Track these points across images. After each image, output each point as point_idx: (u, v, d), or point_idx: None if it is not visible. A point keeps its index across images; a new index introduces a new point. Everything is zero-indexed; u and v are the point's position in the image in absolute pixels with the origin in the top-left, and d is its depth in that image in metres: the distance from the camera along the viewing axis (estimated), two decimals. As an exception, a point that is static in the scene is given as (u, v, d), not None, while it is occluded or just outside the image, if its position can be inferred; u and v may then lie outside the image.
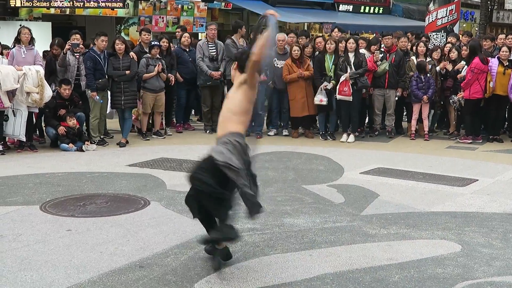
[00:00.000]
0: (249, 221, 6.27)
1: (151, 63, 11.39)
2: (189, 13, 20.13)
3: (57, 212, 6.59)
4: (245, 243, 5.62)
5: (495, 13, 32.08)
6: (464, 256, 5.37)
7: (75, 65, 10.83)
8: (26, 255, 5.23)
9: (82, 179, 8.21)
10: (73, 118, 10.49)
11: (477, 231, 6.13)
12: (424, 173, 8.88)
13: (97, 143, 10.82)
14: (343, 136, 11.83)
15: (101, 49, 10.87)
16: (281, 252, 5.44)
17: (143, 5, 19.10)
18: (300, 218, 6.52)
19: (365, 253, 5.42)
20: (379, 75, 11.93)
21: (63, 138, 10.39)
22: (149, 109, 11.59)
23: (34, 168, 8.95)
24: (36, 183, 7.94)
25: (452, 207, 7.09)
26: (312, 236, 5.90)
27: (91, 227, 6.07)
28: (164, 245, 5.56)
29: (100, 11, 18.61)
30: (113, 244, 5.57)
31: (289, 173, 8.81)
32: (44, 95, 10.07)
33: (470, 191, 7.85)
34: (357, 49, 11.64)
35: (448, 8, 19.25)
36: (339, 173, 8.87)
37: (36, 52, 10.60)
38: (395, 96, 12.10)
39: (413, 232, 6.09)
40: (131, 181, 8.11)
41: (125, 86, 10.97)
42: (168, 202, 7.03)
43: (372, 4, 25.73)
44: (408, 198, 7.49)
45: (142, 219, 6.36)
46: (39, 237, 5.75)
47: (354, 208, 6.95)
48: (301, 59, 11.77)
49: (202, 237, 5.11)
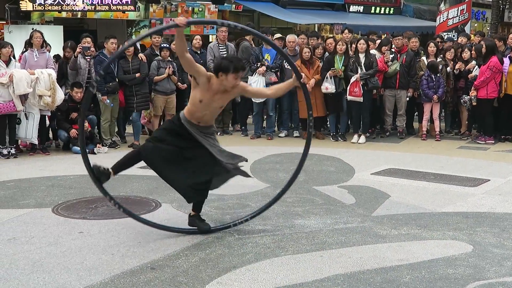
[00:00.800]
0: (260, 223, 6.31)
1: (162, 65, 11.44)
2: (199, 15, 20.19)
3: (69, 215, 6.64)
4: (256, 244, 5.64)
5: (506, 12, 31.90)
6: (475, 257, 5.36)
7: (86, 68, 10.89)
8: (39, 258, 5.27)
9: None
10: (85, 121, 10.54)
11: (488, 231, 6.12)
12: (436, 174, 8.86)
13: (108, 145, 10.87)
14: (354, 137, 11.82)
15: (111, 52, 10.93)
16: (292, 253, 5.45)
17: (154, 8, 19.18)
18: (311, 219, 6.52)
19: (376, 254, 5.42)
20: (390, 76, 11.91)
21: (75, 141, 10.45)
22: (160, 111, 11.63)
23: (46, 171, 9.01)
24: (48, 186, 8.00)
25: (464, 208, 7.07)
26: (323, 237, 5.91)
27: (102, 229, 6.11)
28: (175, 246, 5.58)
29: (112, 14, 18.71)
30: (124, 246, 5.60)
31: (300, 174, 8.77)
32: (56, 98, 10.15)
33: (481, 191, 7.83)
34: (367, 50, 11.64)
35: (459, 8, 19.21)
36: (350, 174, 8.87)
37: (49, 55, 10.70)
38: (406, 97, 12.07)
39: (424, 233, 6.08)
40: (143, 183, 8.14)
41: (137, 88, 11.05)
42: (179, 204, 7.04)
43: (383, 5, 25.68)
44: (419, 198, 7.48)
45: (154, 221, 6.38)
46: (51, 239, 5.79)
47: (365, 209, 6.95)
48: (311, 60, 11.77)
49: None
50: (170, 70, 11.38)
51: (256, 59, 11.89)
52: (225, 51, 12.31)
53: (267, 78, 11.79)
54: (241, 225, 6.20)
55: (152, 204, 7.07)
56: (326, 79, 11.54)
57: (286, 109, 12.38)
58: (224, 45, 12.38)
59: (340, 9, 23.55)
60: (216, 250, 5.48)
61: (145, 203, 7.15)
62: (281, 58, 12.00)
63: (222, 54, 12.23)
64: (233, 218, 6.43)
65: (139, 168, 9.12)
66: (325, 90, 11.57)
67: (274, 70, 11.94)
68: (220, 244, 5.65)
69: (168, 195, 7.46)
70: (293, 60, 11.89)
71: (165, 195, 7.45)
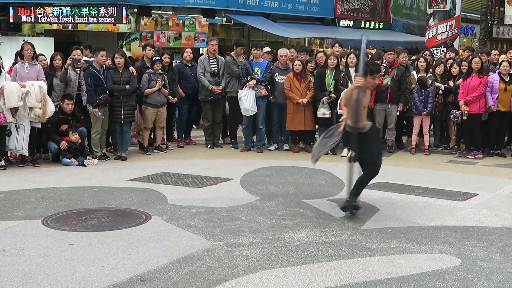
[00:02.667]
0: (250, 235, 6.33)
1: (153, 78, 11.46)
2: (190, 28, 20.25)
3: (59, 227, 6.63)
4: (246, 257, 5.65)
5: (495, 28, 32.18)
6: (463, 270, 5.40)
7: (76, 80, 10.89)
8: (28, 270, 5.26)
9: (83, 194, 8.24)
10: (75, 133, 10.54)
11: (477, 245, 6.16)
12: (424, 188, 8.92)
13: (98, 157, 10.86)
14: (344, 151, 11.84)
15: (100, 65, 10.94)
16: (282, 266, 5.47)
17: (145, 21, 19.21)
18: (300, 232, 6.55)
19: (365, 267, 5.44)
20: (381, 90, 11.98)
21: (65, 153, 10.43)
22: (151, 124, 11.64)
23: (36, 182, 8.99)
24: (38, 198, 7.98)
25: (452, 221, 7.12)
26: (312, 250, 5.93)
27: (92, 242, 6.10)
28: (166, 259, 5.59)
29: (102, 27, 18.73)
30: (114, 258, 5.60)
31: (289, 188, 8.85)
32: (47, 110, 10.13)
33: (470, 205, 7.88)
34: (357, 64, 11.70)
35: (448, 24, 19.39)
36: (340, 187, 8.89)
37: (39, 67, 10.66)
38: (397, 111, 12.14)
39: (413, 246, 6.12)
40: (133, 196, 8.14)
41: (125, 100, 11.02)
42: (169, 217, 7.06)
43: (373, 20, 25.83)
44: (408, 212, 7.52)
45: (144, 234, 6.39)
46: (41, 251, 5.78)
47: (354, 223, 6.98)
48: (303, 73, 11.83)
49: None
50: (160, 84, 11.40)
51: (246, 73, 11.93)
52: (215, 64, 12.36)
53: (257, 91, 11.82)
54: (231, 238, 6.23)
55: (142, 217, 7.06)
56: (323, 104, 11.59)
57: (276, 123, 12.41)
58: (214, 58, 12.43)
59: (330, 23, 23.66)
60: (206, 263, 5.49)
61: (135, 215, 7.15)
62: (271, 72, 12.06)
63: (212, 67, 12.28)
64: (223, 231, 6.45)
65: (129, 180, 9.19)
66: (322, 115, 11.63)
67: (264, 83, 11.98)
68: (210, 257, 5.66)
69: (159, 208, 7.47)
70: (284, 73, 12.02)
71: (155, 208, 7.46)
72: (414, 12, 29.33)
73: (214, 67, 12.32)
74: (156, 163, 10.69)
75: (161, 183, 9.03)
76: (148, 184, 8.95)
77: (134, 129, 11.78)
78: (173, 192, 8.42)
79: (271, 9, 21.14)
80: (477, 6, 31.07)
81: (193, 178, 9.45)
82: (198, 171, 10.01)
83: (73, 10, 17.46)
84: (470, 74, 11.51)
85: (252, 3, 20.41)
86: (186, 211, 7.32)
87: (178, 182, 9.11)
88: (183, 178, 9.43)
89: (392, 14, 26.98)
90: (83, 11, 17.50)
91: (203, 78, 12.18)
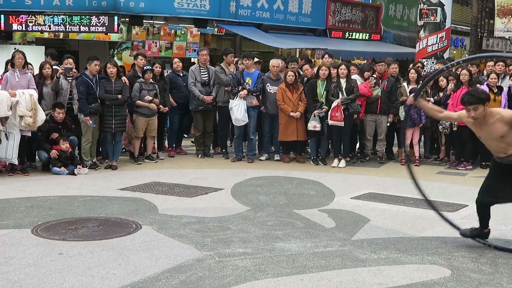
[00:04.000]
0: (240, 245, 6.33)
1: (144, 87, 11.46)
2: (182, 38, 20.28)
3: (49, 236, 6.60)
4: (236, 267, 5.64)
5: (484, 40, 32.45)
6: (454, 281, 5.41)
7: (67, 89, 10.87)
8: (17, 279, 5.23)
9: (73, 203, 8.22)
10: (66, 142, 10.51)
11: (466, 256, 6.18)
12: (415, 198, 8.91)
13: (89, 167, 10.83)
14: (334, 161, 11.89)
15: (93, 74, 10.93)
16: (272, 276, 5.46)
17: (137, 30, 19.23)
18: (291, 242, 6.54)
19: (355, 278, 5.45)
20: (371, 101, 12.03)
21: (55, 162, 10.40)
22: (142, 133, 11.63)
23: (26, 191, 8.96)
24: (27, 207, 7.95)
25: (442, 232, 7.13)
26: (303, 260, 5.93)
27: (82, 251, 6.07)
28: (156, 269, 5.57)
29: (94, 36, 18.72)
30: (104, 268, 5.58)
31: (280, 198, 8.85)
32: (37, 119, 10.10)
33: (460, 217, 7.90)
34: (348, 75, 11.77)
35: (438, 35, 19.49)
36: (330, 198, 8.91)
37: (30, 76, 10.63)
38: (387, 122, 12.19)
39: (403, 257, 6.13)
40: (123, 205, 8.12)
41: (116, 110, 11.00)
42: (160, 226, 7.04)
43: (364, 31, 25.96)
44: (399, 223, 7.54)
45: (134, 243, 6.38)
46: (31, 260, 5.75)
47: (345, 233, 6.98)
48: (295, 84, 11.86)
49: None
50: (149, 98, 11.38)
51: (237, 83, 11.95)
52: (206, 74, 12.37)
53: (248, 102, 11.84)
54: (222, 248, 6.22)
55: (133, 226, 7.04)
56: (314, 117, 11.60)
57: (267, 133, 12.43)
58: (205, 68, 12.44)
59: (321, 34, 23.75)
60: (197, 273, 5.48)
61: (125, 225, 7.13)
62: (262, 82, 12.08)
63: (203, 77, 12.30)
64: (214, 241, 6.44)
65: (119, 190, 9.16)
66: (313, 128, 11.63)
67: (255, 93, 12.00)
68: (201, 267, 5.65)
69: (149, 217, 7.45)
70: (276, 84, 12.04)
71: (146, 217, 7.44)
72: (405, 23, 29.50)
73: (205, 77, 12.34)
74: (146, 173, 10.67)
75: (152, 192, 9.01)
76: (139, 193, 8.93)
77: (125, 138, 11.76)
78: (163, 201, 8.40)
79: (262, 20, 21.19)
80: (467, 19, 31.28)
81: (184, 187, 9.43)
82: (188, 180, 10.00)
83: (64, 18, 17.46)
84: (460, 86, 11.58)
85: (244, 14, 20.46)
86: (176, 221, 7.30)
87: (168, 192, 9.09)
88: (173, 187, 9.42)
89: (383, 26, 27.12)
90: (75, 20, 17.50)
91: (194, 88, 12.19)
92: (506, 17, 27.07)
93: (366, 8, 26.12)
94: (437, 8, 19.53)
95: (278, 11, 21.70)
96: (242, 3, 20.24)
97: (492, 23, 30.72)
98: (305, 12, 22.86)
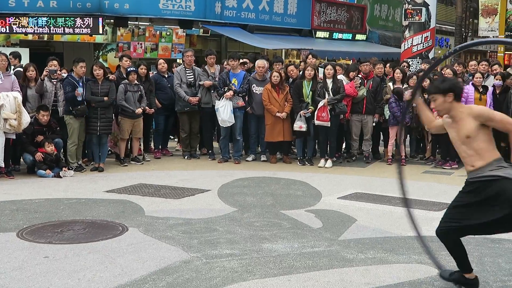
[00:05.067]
0: (227, 247, 6.31)
1: (129, 89, 11.42)
2: (167, 39, 20.24)
3: (34, 239, 6.55)
4: (223, 269, 5.63)
5: (469, 40, 32.61)
6: (440, 280, 5.42)
7: (52, 91, 10.81)
8: (3, 283, 5.19)
9: (59, 206, 8.17)
10: (51, 144, 10.44)
11: (453, 255, 6.19)
12: (401, 198, 8.94)
13: (74, 169, 10.77)
14: (321, 161, 11.90)
15: (80, 75, 10.87)
16: (260, 277, 5.45)
17: (122, 32, 19.17)
18: (278, 243, 6.54)
19: (343, 278, 5.45)
20: (357, 101, 12.06)
21: (40, 164, 10.33)
22: (127, 135, 11.58)
23: (11, 194, 8.89)
24: (12, 210, 7.89)
25: (429, 232, 7.12)
26: (290, 261, 5.93)
27: (68, 254, 6.04)
28: (143, 271, 5.55)
29: (78, 37, 18.64)
30: (91, 270, 5.55)
31: (267, 199, 8.85)
32: (22, 121, 10.02)
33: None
34: (335, 75, 11.78)
35: (423, 35, 19.60)
36: (317, 198, 8.92)
37: (14, 78, 10.55)
38: (373, 122, 12.23)
39: (390, 257, 6.14)
40: (109, 207, 8.08)
41: (102, 112, 10.94)
42: (146, 228, 7.02)
43: (349, 31, 26.03)
44: (385, 222, 7.56)
45: (120, 246, 6.34)
46: (16, 264, 5.71)
47: (332, 233, 6.99)
48: (281, 85, 11.86)
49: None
50: (140, 111, 11.43)
51: (223, 84, 11.93)
52: (191, 75, 12.34)
53: (234, 102, 11.83)
54: (209, 249, 6.21)
55: (119, 229, 7.01)
56: (299, 118, 11.60)
57: (253, 133, 12.42)
58: (190, 69, 12.42)
59: (307, 34, 23.78)
60: (184, 275, 5.46)
61: (111, 227, 7.09)
62: (248, 83, 12.07)
63: (188, 78, 12.26)
64: (200, 243, 6.43)
65: (105, 192, 9.12)
66: (299, 128, 11.62)
67: (241, 94, 11.99)
68: (188, 268, 5.63)
69: (135, 219, 7.42)
70: (261, 84, 12.04)
71: (132, 219, 7.41)
72: (390, 23, 29.60)
73: (190, 78, 12.30)
74: (132, 174, 10.63)
75: (138, 194, 8.98)
76: (125, 195, 8.90)
77: (110, 140, 11.71)
78: (150, 203, 8.37)
79: (248, 20, 21.20)
80: (451, 18, 31.48)
81: (170, 189, 9.41)
82: (175, 182, 9.97)
83: (49, 20, 17.36)
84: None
85: (229, 15, 20.46)
86: (163, 223, 7.28)
87: (155, 194, 9.06)
88: (160, 189, 9.39)
89: (368, 26, 27.21)
90: (59, 21, 17.40)
91: (180, 89, 12.16)
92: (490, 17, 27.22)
93: (351, 8, 26.19)
94: (422, 8, 19.64)
95: (263, 12, 21.72)
96: (227, 4, 20.23)
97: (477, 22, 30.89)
98: (291, 13, 22.89)
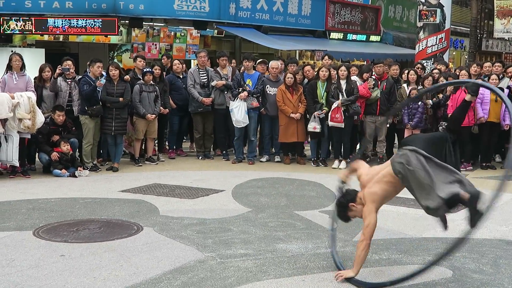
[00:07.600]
0: (242, 247, 6.33)
1: (144, 89, 11.47)
2: (181, 40, 20.30)
3: (50, 238, 6.60)
4: (238, 269, 5.65)
5: (484, 41, 32.50)
6: (455, 282, 5.42)
7: (66, 90, 10.88)
8: (19, 281, 5.24)
9: (75, 205, 8.22)
10: (67, 144, 10.52)
11: (468, 257, 6.18)
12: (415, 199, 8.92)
13: (89, 169, 10.83)
14: (335, 163, 11.90)
15: (96, 76, 10.94)
16: (274, 277, 5.47)
17: (136, 32, 19.25)
18: (292, 243, 6.55)
19: (357, 279, 5.45)
20: (371, 102, 12.04)
21: (56, 164, 10.40)
22: (142, 135, 11.64)
23: (27, 193, 8.96)
24: (29, 209, 7.95)
25: (443, 233, 7.12)
26: (304, 261, 5.93)
27: (84, 253, 6.08)
28: (157, 270, 5.58)
29: (94, 38, 18.75)
30: (106, 269, 5.58)
31: (281, 199, 8.86)
32: (36, 121, 10.09)
33: (460, 217, 7.84)
34: (348, 76, 11.78)
35: (438, 37, 19.55)
36: (331, 199, 8.89)
37: (28, 78, 10.62)
38: (387, 123, 12.20)
39: (404, 258, 6.14)
40: (124, 207, 8.13)
41: (117, 112, 11.01)
42: (161, 228, 7.05)
43: (363, 32, 25.99)
44: (400, 224, 7.54)
45: (135, 245, 6.38)
46: (32, 262, 5.76)
47: (346, 234, 6.99)
48: (295, 86, 11.86)
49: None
50: (152, 117, 11.49)
51: (237, 84, 11.96)
52: (205, 76, 12.36)
53: (248, 103, 11.86)
54: (223, 249, 6.23)
55: (134, 228, 7.05)
56: (314, 118, 11.60)
57: (267, 134, 12.44)
58: (204, 70, 12.44)
59: (321, 36, 23.78)
60: (198, 274, 5.49)
61: (126, 226, 7.13)
62: (263, 84, 12.09)
63: (202, 79, 12.27)
64: (215, 242, 6.45)
65: (120, 191, 9.17)
66: (313, 129, 11.63)
67: (255, 95, 12.01)
68: (202, 268, 5.65)
69: (150, 219, 7.46)
70: (275, 85, 12.05)
71: (147, 219, 7.45)
72: (404, 25, 29.54)
73: (204, 79, 12.33)
74: (147, 174, 10.67)
75: (153, 194, 9.02)
76: (140, 195, 8.94)
77: (125, 140, 11.76)
78: (164, 203, 8.41)
79: (262, 21, 21.24)
80: (466, 20, 31.33)
81: (185, 189, 9.44)
82: (189, 182, 10.00)
83: (64, 21, 17.47)
84: (460, 87, 11.59)
85: (243, 15, 20.50)
86: (178, 222, 7.31)
87: (169, 193, 9.10)
88: (174, 189, 9.42)
89: (383, 27, 27.16)
90: (75, 22, 17.51)
91: (193, 90, 12.19)
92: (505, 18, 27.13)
93: (365, 9, 26.16)
94: (437, 9, 19.59)
95: (277, 13, 21.75)
96: (241, 5, 20.28)
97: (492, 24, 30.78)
98: (305, 14, 22.91)
